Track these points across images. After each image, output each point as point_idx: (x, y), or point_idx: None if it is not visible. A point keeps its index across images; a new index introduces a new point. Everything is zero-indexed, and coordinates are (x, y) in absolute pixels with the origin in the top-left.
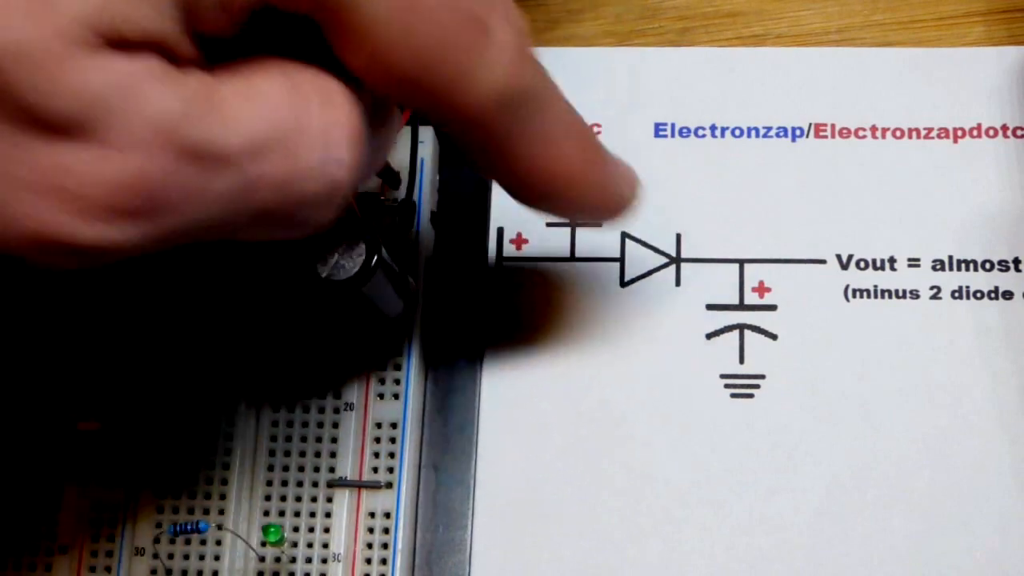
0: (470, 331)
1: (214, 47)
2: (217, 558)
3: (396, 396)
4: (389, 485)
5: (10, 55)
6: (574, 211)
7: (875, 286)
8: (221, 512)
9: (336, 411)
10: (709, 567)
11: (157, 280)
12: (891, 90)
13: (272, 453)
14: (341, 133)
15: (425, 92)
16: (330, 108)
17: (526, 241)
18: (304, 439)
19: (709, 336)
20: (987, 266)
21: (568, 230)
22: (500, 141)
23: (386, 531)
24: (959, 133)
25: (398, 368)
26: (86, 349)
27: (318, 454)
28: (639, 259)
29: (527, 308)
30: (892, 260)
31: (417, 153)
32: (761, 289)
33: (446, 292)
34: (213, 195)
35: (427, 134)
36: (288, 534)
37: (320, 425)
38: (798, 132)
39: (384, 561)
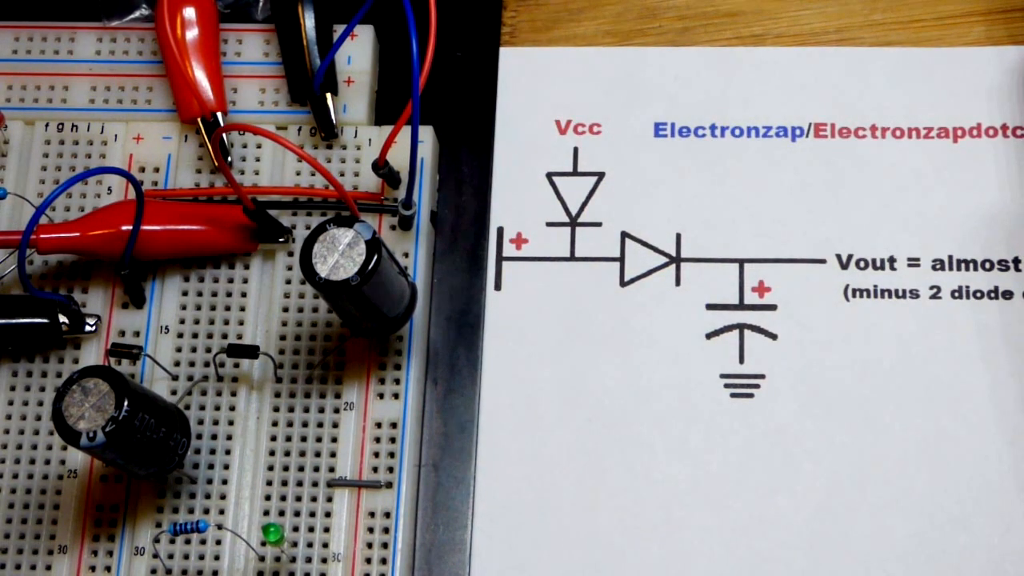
0: (470, 330)
1: None
2: (217, 558)
3: (396, 396)
4: (389, 485)
5: None
6: None
7: (875, 286)
8: (221, 512)
9: (336, 411)
10: (709, 567)
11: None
12: (891, 90)
13: (272, 453)
14: None
15: None
16: None
17: (526, 241)
18: (304, 439)
19: (709, 336)
20: (987, 266)
21: (568, 230)
22: None
23: (386, 531)
24: (959, 133)
25: (398, 368)
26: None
27: (318, 454)
28: (639, 259)
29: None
30: (892, 260)
31: (417, 153)
32: (761, 289)
33: (446, 292)
34: None
35: (427, 134)
36: (288, 534)
37: (320, 425)
38: (798, 132)
39: (384, 561)
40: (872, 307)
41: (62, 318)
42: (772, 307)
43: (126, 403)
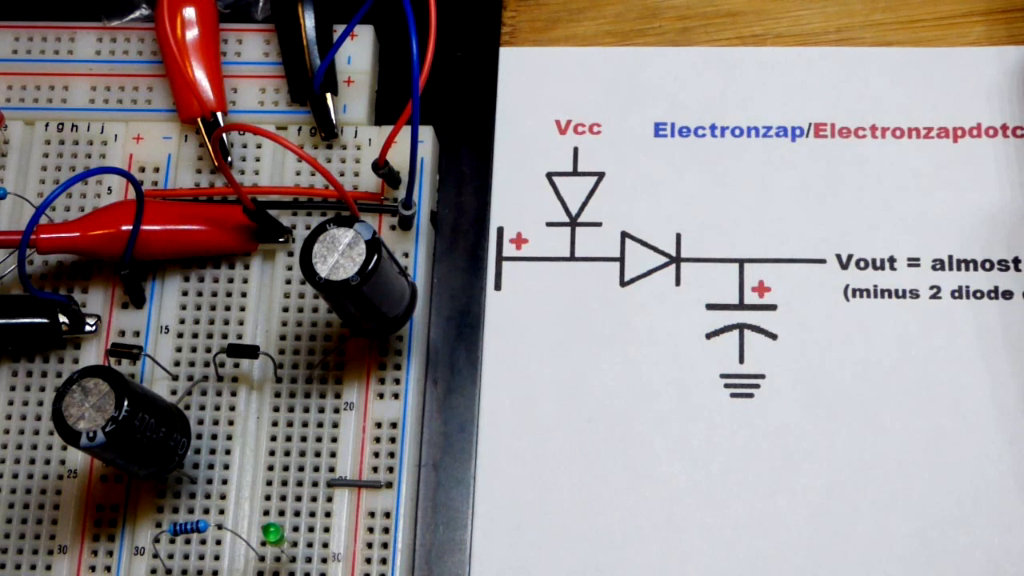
0: (470, 330)
1: None
2: (217, 558)
3: (396, 396)
4: (389, 485)
5: None
6: None
7: (875, 286)
8: (221, 512)
9: (336, 411)
10: (709, 567)
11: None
12: (891, 90)
13: (272, 453)
14: None
15: None
16: None
17: (526, 241)
18: (304, 439)
19: (709, 336)
20: (987, 266)
21: (568, 230)
22: None
23: (386, 531)
24: (959, 133)
25: (398, 368)
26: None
27: (318, 454)
28: (639, 259)
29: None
30: (892, 260)
31: (417, 153)
32: (761, 289)
33: (446, 292)
34: None
35: (427, 134)
36: (288, 534)
37: (320, 425)
38: (798, 132)
39: (384, 561)
40: (872, 307)
41: (62, 318)
42: (772, 307)
43: (126, 403)
